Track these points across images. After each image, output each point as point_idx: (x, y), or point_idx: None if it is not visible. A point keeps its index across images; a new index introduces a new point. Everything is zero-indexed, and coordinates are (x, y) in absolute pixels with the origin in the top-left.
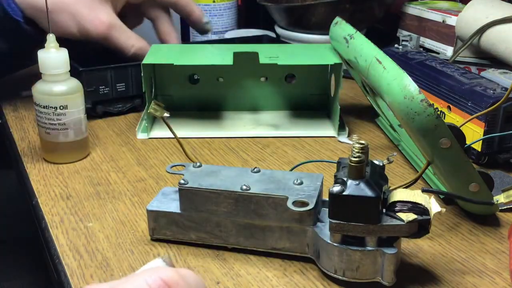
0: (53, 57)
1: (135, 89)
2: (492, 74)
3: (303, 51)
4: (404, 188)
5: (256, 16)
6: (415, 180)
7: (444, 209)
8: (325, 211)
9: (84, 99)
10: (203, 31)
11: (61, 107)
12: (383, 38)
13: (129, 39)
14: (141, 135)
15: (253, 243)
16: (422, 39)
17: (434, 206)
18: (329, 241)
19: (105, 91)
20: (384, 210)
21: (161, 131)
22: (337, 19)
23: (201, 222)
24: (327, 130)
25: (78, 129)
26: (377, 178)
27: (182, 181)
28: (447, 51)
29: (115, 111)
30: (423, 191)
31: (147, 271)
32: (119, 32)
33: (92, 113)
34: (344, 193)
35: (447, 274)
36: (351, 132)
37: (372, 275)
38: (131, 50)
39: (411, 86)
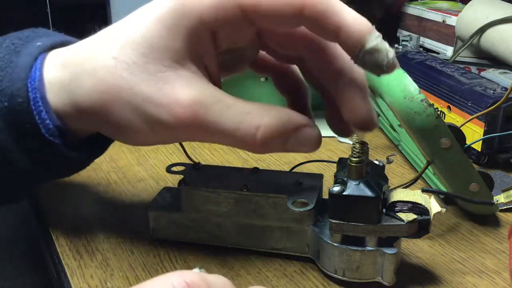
0: None
1: None
2: (492, 74)
3: None
4: (404, 188)
5: None
6: (415, 180)
7: (444, 209)
8: (325, 211)
9: None
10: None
11: None
12: (383, 38)
13: (246, 115)
14: None
15: (253, 243)
16: (422, 39)
17: (434, 206)
18: (329, 241)
19: None
20: (384, 210)
21: None
22: None
23: (201, 222)
24: (327, 130)
25: None
26: (377, 178)
27: (182, 181)
28: (447, 51)
29: None
30: (423, 191)
31: (174, 273)
32: (217, 112)
33: None
34: (344, 193)
35: (447, 274)
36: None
37: (372, 275)
38: (257, 136)
39: (411, 86)
